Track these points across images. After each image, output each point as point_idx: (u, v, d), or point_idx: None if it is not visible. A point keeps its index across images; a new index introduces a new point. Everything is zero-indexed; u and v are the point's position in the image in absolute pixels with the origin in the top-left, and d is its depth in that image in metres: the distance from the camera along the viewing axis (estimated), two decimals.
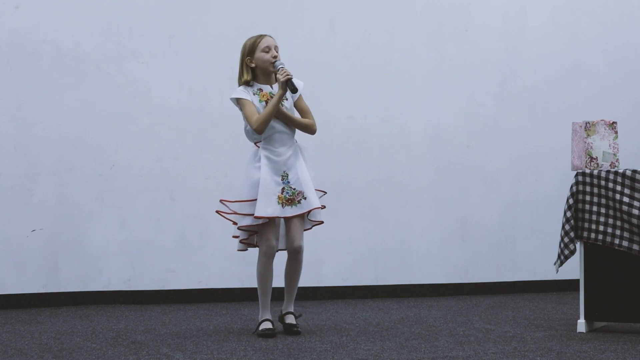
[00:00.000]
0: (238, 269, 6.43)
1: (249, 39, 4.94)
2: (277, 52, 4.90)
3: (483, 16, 7.17)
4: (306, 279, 6.47)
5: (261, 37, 4.93)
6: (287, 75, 4.79)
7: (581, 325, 5.03)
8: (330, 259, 6.73)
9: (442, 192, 7.03)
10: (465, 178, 7.09)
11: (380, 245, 6.86)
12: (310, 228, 5.06)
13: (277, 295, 6.34)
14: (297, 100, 4.98)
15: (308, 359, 4.17)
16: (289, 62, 5.91)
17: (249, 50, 4.91)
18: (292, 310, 5.02)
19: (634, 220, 4.86)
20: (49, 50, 6.17)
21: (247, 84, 4.94)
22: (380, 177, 6.88)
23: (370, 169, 6.85)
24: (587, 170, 5.03)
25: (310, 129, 5.00)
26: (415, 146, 6.97)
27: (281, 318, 5.03)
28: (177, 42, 6.45)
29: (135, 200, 6.33)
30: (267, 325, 4.86)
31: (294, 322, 4.96)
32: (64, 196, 6.19)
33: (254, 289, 6.54)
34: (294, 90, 4.83)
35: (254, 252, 6.59)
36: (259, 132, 4.84)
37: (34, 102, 6.14)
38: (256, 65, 4.92)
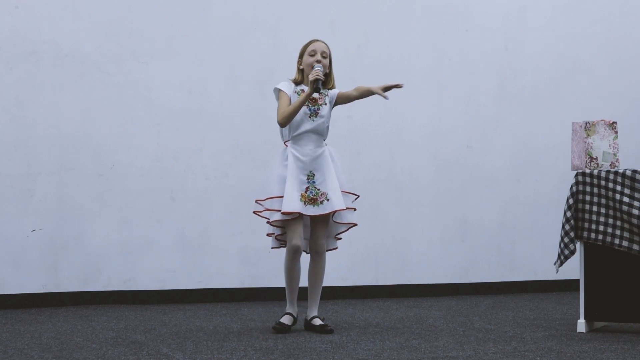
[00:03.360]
0: (238, 269, 6.43)
1: (304, 43, 5.09)
2: (323, 57, 5.01)
3: (483, 16, 7.16)
4: (306, 279, 6.48)
5: (312, 41, 5.09)
6: (316, 75, 4.89)
7: (581, 325, 5.03)
8: (330, 259, 6.70)
9: (442, 192, 7.02)
10: (465, 178, 7.09)
11: (380, 245, 6.86)
12: (346, 230, 5.13)
13: (272, 296, 6.35)
14: (338, 97, 5.07)
15: (308, 359, 4.17)
16: (289, 62, 5.92)
17: (300, 53, 5.09)
18: (317, 314, 5.08)
19: (634, 220, 4.85)
20: (49, 50, 6.17)
21: (295, 83, 5.07)
22: (380, 177, 6.88)
23: (370, 169, 6.85)
24: (587, 170, 5.03)
25: (367, 91, 5.02)
26: (415, 146, 6.97)
27: (308, 324, 5.07)
28: (177, 42, 6.45)
29: (135, 200, 6.33)
30: (285, 319, 4.97)
31: (324, 323, 5.02)
32: (64, 196, 6.19)
33: (254, 289, 6.58)
34: (317, 89, 4.91)
35: (253, 253, 6.61)
36: (281, 124, 4.96)
37: (34, 102, 6.14)
38: (303, 68, 5.05)
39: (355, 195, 5.11)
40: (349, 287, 6.77)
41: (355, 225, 5.10)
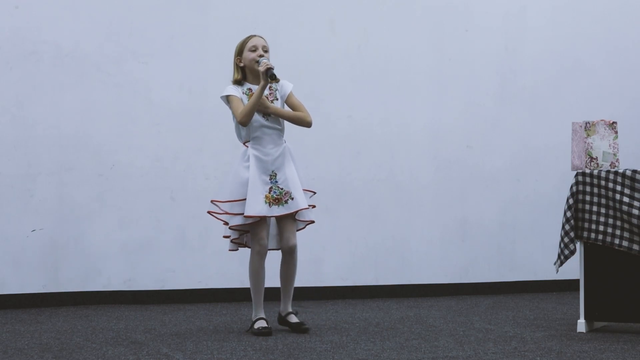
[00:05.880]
0: (238, 269, 6.43)
1: (240, 40, 5.03)
2: (264, 51, 4.95)
3: (483, 16, 7.16)
4: (306, 279, 6.48)
5: (250, 37, 5.02)
6: (267, 65, 4.82)
7: (581, 325, 5.03)
8: (330, 259, 6.73)
9: (442, 192, 7.02)
10: (465, 178, 7.09)
11: (380, 245, 6.86)
12: (304, 228, 5.09)
13: (271, 295, 6.35)
14: (287, 98, 5.02)
15: (308, 359, 4.17)
16: (288, 62, 5.92)
17: (238, 50, 5.02)
18: (291, 310, 5.04)
19: (634, 220, 4.86)
20: (49, 50, 6.17)
21: (237, 83, 5.01)
22: (380, 177, 6.88)
23: (370, 169, 6.85)
24: (587, 170, 5.03)
25: (303, 121, 5.01)
26: (415, 146, 6.96)
27: (282, 320, 5.05)
28: (177, 42, 6.45)
29: (135, 200, 6.33)
30: (262, 323, 4.89)
31: (300, 321, 5.00)
32: (64, 196, 6.19)
33: None
34: (273, 77, 4.82)
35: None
36: (242, 124, 4.89)
37: (34, 102, 6.14)
38: (244, 65, 4.99)
39: (312, 192, 5.07)
40: (349, 287, 6.77)
41: (313, 222, 5.06)
